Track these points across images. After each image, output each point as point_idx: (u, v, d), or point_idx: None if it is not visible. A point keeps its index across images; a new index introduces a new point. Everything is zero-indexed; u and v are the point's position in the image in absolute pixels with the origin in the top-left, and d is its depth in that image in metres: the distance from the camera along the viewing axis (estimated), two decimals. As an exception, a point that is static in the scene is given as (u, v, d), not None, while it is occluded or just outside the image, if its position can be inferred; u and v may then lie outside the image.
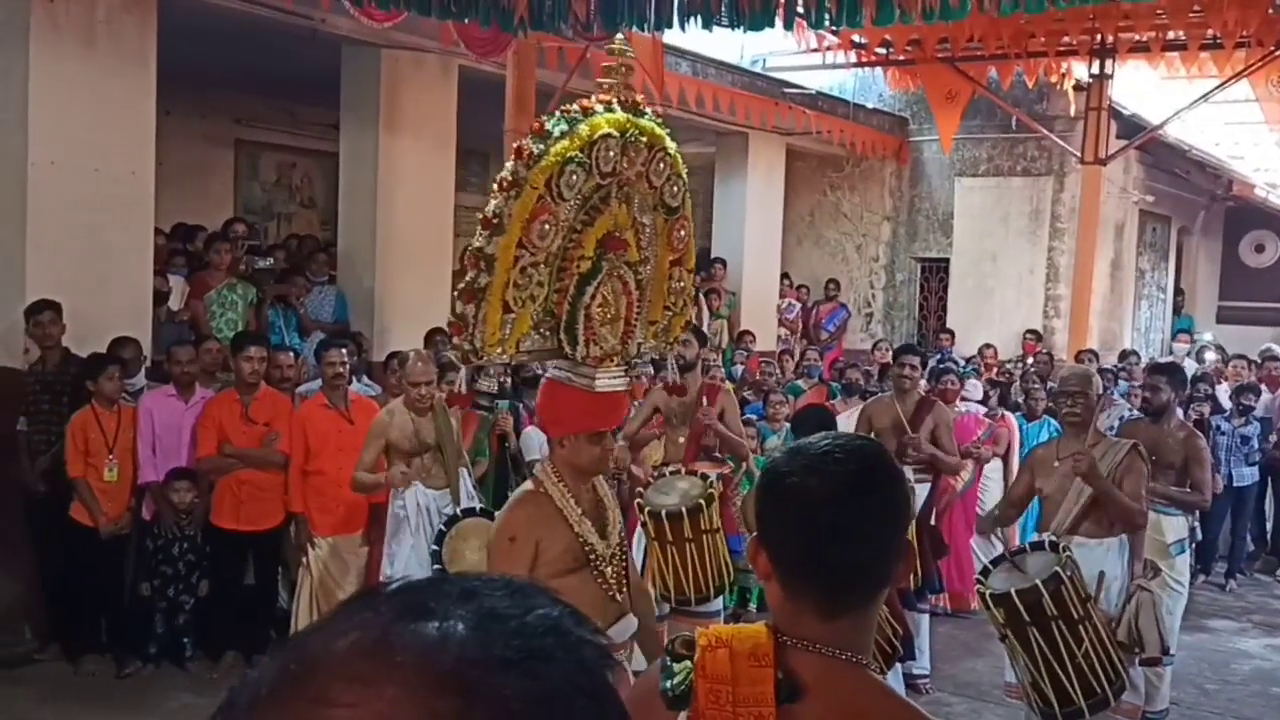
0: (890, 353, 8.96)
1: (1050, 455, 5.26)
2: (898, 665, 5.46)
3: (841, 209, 14.46)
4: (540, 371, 7.93)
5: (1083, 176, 11.38)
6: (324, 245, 9.57)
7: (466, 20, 6.66)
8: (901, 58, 11.26)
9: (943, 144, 12.06)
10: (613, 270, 3.45)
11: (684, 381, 6.77)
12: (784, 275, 13.58)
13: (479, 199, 12.40)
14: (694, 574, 5.45)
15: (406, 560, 6.02)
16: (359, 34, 7.86)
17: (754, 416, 8.48)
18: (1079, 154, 11.23)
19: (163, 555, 6.29)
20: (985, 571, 4.82)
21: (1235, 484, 9.32)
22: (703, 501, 5.36)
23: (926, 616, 6.61)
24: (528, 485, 3.61)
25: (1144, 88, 11.76)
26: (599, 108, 3.37)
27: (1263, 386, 10.37)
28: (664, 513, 5.45)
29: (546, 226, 3.25)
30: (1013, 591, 4.42)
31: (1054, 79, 11.28)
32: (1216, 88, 10.41)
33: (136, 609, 6.31)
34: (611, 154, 3.33)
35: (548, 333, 3.43)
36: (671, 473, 6.04)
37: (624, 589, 3.55)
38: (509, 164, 3.22)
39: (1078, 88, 11.42)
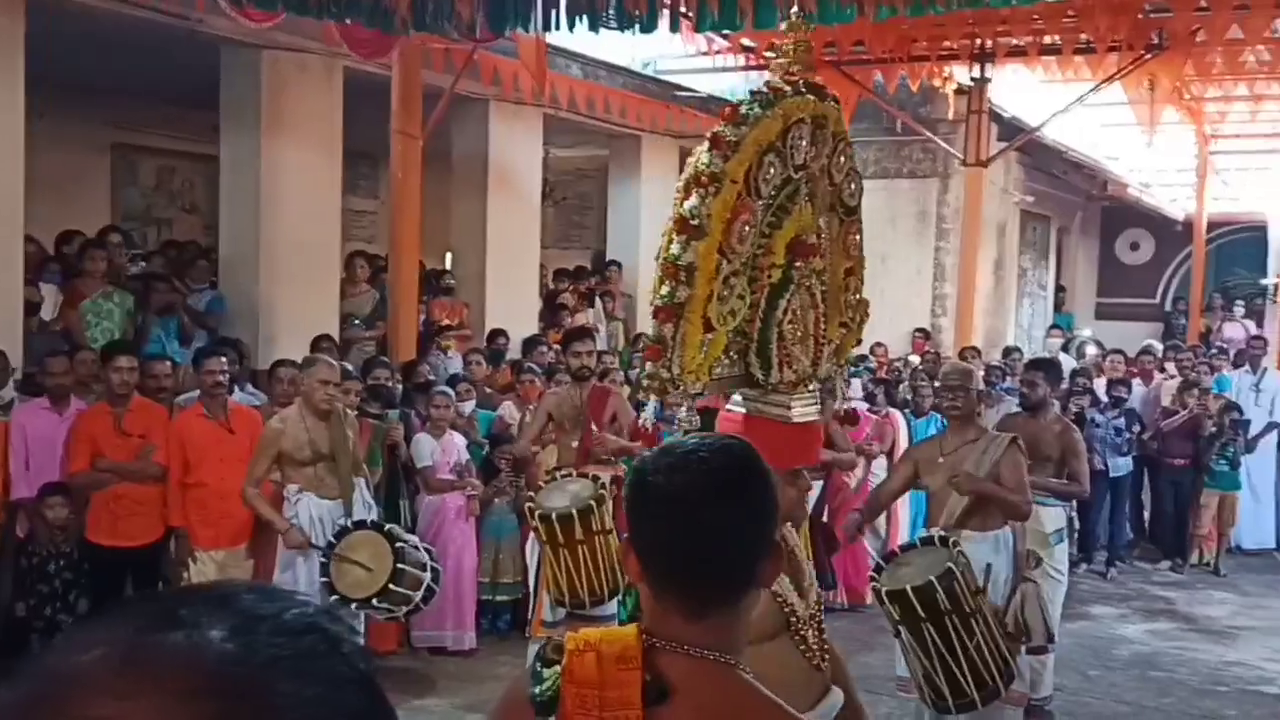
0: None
1: (934, 451, 5.36)
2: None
3: (735, 211, 14.57)
4: (432, 378, 7.88)
5: (965, 178, 11.66)
6: (206, 251, 9.31)
7: (348, 21, 6.55)
8: (789, 61, 11.38)
9: (831, 146, 12.23)
10: (802, 280, 3.03)
11: (605, 386, 6.73)
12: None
13: (368, 202, 12.27)
14: (587, 576, 5.44)
15: (301, 573, 5.89)
16: (238, 35, 7.68)
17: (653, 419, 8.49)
18: (961, 156, 11.50)
19: (38, 574, 6.05)
20: (879, 568, 4.88)
21: (1111, 474, 9.63)
22: (593, 503, 5.35)
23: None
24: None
25: (1023, 91, 12.09)
26: (788, 89, 2.93)
27: (1136, 380, 10.76)
28: (554, 515, 5.43)
29: (747, 228, 2.84)
30: (908, 588, 4.48)
31: (936, 83, 11.53)
32: (1090, 91, 10.74)
33: (12, 629, 6.06)
34: (804, 143, 2.96)
35: (735, 355, 2.98)
36: (563, 476, 6.01)
37: (825, 658, 2.95)
38: (704, 156, 2.81)
39: (959, 91, 11.70)
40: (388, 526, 6.01)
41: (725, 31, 9.32)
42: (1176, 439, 9.93)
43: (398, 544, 5.82)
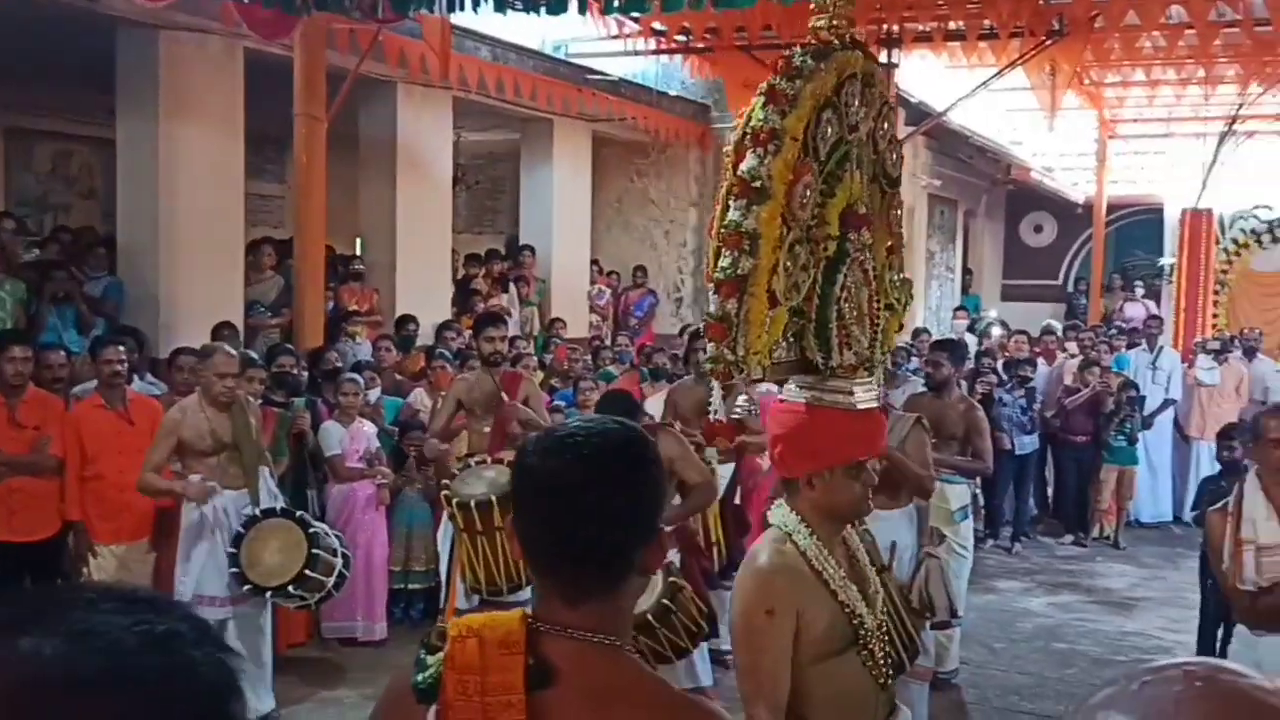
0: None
1: (841, 431, 5.42)
2: (703, 644, 5.55)
3: (649, 195, 14.58)
4: (340, 365, 7.76)
5: (875, 162, 11.79)
6: (104, 238, 9.05)
7: (247, 0, 6.38)
8: (700, 45, 11.41)
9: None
10: (856, 255, 2.76)
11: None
12: (594, 262, 13.63)
13: (274, 187, 12.02)
14: (504, 563, 5.42)
15: (203, 566, 5.77)
16: (134, 14, 7.45)
17: (564, 404, 8.49)
18: (871, 140, 11.63)
19: (-73, 573, 5.83)
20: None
21: (1017, 452, 9.86)
22: (510, 489, 5.32)
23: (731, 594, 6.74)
24: (770, 540, 2.67)
25: (930, 77, 12.28)
26: (835, 41, 2.68)
27: (1040, 359, 11.02)
28: (473, 503, 5.39)
29: (808, 192, 2.56)
30: None
31: (845, 67, 11.63)
32: (993, 76, 10.94)
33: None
34: (856, 102, 2.71)
35: (791, 339, 2.69)
36: (477, 463, 5.97)
37: (892, 673, 2.71)
38: (759, 110, 2.53)
39: (868, 76, 11.81)
40: (299, 513, 5.94)
41: (634, 14, 9.30)
42: (1078, 416, 10.20)
43: (311, 530, 5.77)
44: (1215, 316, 13.72)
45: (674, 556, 5.33)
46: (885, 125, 2.90)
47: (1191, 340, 12.28)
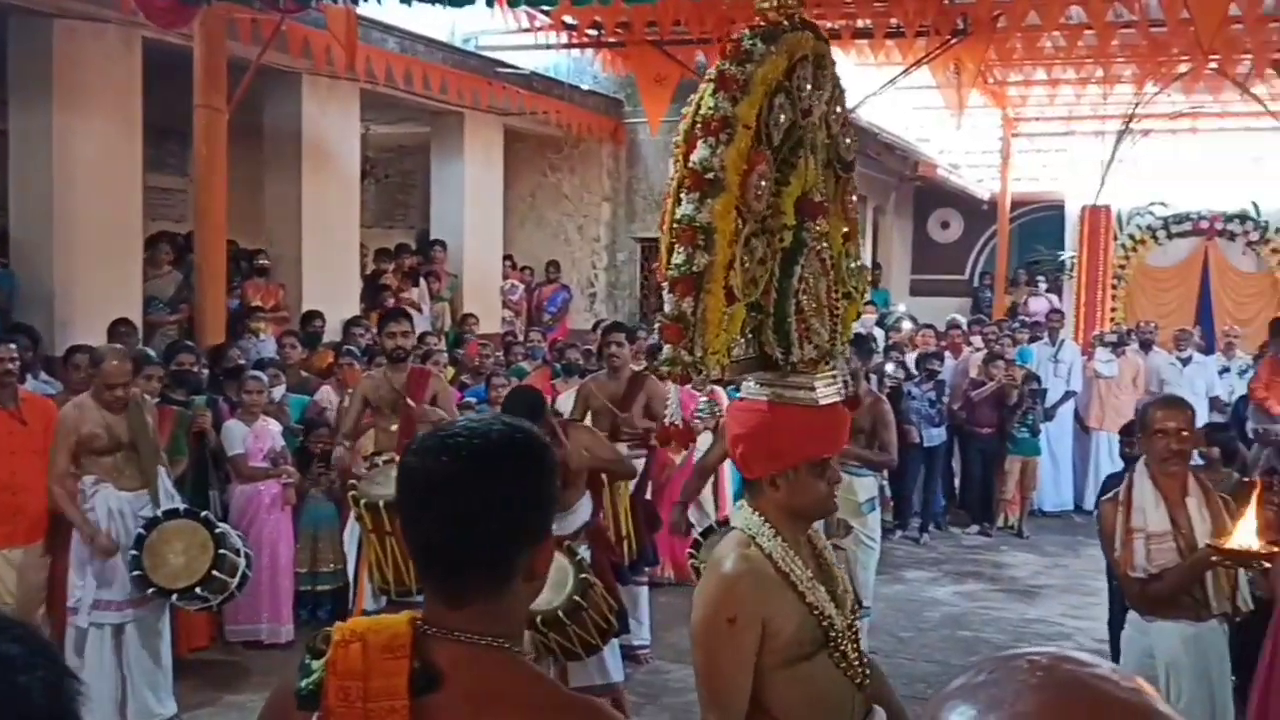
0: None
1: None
2: (614, 640, 5.55)
3: (562, 190, 14.54)
4: (243, 362, 7.60)
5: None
6: (-4, 232, 8.74)
7: (142, -13, 6.21)
8: (612, 40, 11.40)
9: (651, 126, 12.31)
10: (812, 245, 2.66)
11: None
12: (507, 257, 13.54)
13: (176, 180, 11.71)
14: (414, 563, 5.34)
15: (100, 570, 5.62)
16: (27, 2, 7.24)
17: (475, 400, 8.42)
18: (781, 136, 11.73)
19: None
20: (697, 544, 4.96)
21: (925, 445, 10.03)
22: None
23: (645, 589, 6.75)
24: (734, 543, 2.57)
25: (839, 73, 12.41)
26: (785, 22, 2.57)
27: (946, 353, 11.22)
28: (381, 503, 5.30)
29: (763, 182, 2.45)
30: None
31: (756, 64, 11.71)
32: (900, 74, 11.11)
33: None
34: (809, 86, 2.60)
35: (749, 334, 2.60)
36: (385, 462, 5.89)
37: (867, 672, 2.63)
38: (709, 98, 2.43)
39: (778, 73, 11.91)
40: (203, 513, 5.82)
41: (544, 7, 9.25)
42: (984, 409, 10.41)
43: (216, 530, 5.67)
44: (1114, 310, 14.11)
45: (584, 552, 5.32)
46: (839, 108, 2.81)
47: (1091, 334, 12.61)
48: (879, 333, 12.16)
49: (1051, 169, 15.96)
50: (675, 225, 2.41)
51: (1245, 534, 3.76)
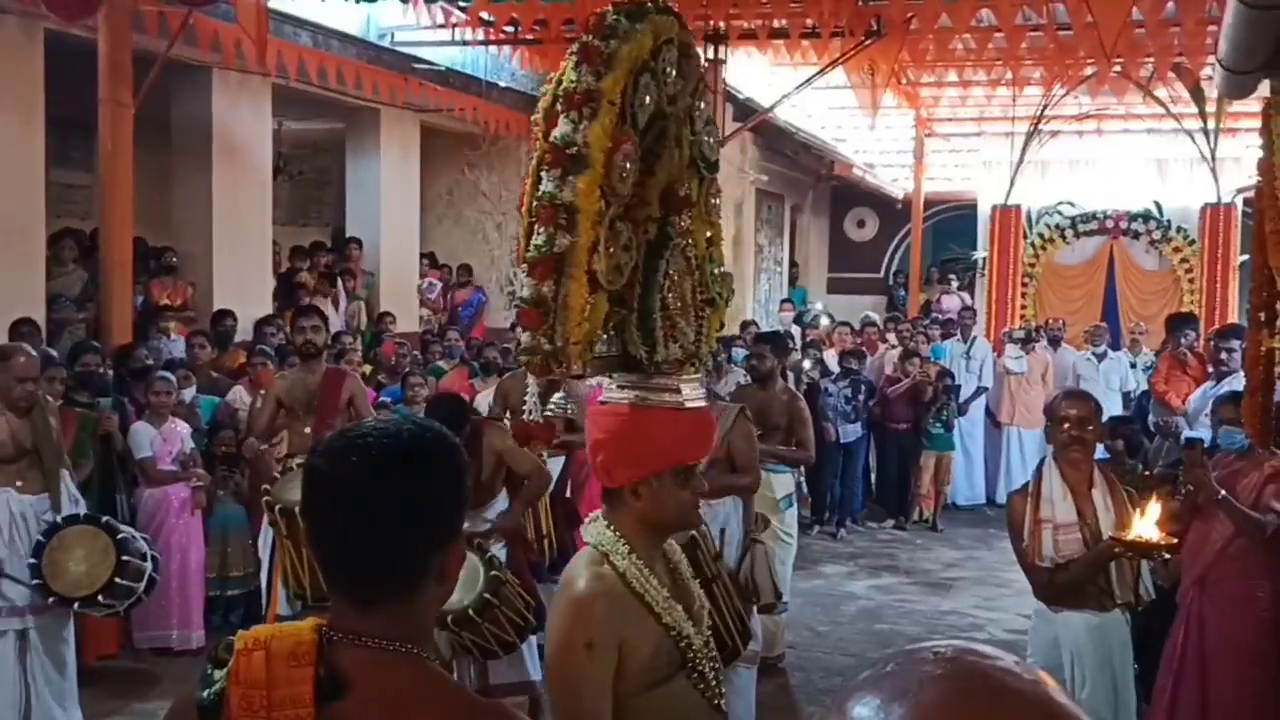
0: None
1: (668, 423, 5.47)
2: (531, 637, 5.53)
3: (480, 187, 14.43)
4: (150, 362, 7.41)
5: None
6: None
7: (42, -22, 6.02)
8: (529, 37, 11.35)
9: (572, 123, 12.29)
10: (678, 240, 2.53)
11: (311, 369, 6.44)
12: (426, 255, 13.41)
13: (81, 175, 11.39)
14: (320, 567, 5.25)
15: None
16: (-81, -10, 6.95)
17: (390, 400, 8.32)
18: (699, 135, 11.79)
19: None
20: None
21: (842, 440, 10.16)
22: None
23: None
24: (586, 561, 2.40)
25: (757, 74, 12.53)
26: (648, 3, 2.45)
27: (864, 350, 11.38)
28: (297, 509, 5.18)
29: (628, 164, 2.31)
30: None
31: (674, 62, 11.77)
32: (816, 74, 11.24)
33: None
34: (673, 71, 2.46)
35: (612, 330, 2.46)
36: (299, 465, 5.78)
37: (724, 691, 2.53)
38: (573, 71, 2.27)
39: (695, 71, 11.97)
40: (104, 519, 5.66)
41: (460, 4, 9.19)
42: (899, 405, 10.58)
43: (119, 535, 5.51)
44: (1024, 308, 14.44)
45: (499, 550, 5.29)
46: (702, 105, 2.68)
47: (1001, 331, 12.88)
48: (795, 330, 12.29)
49: (964, 169, 16.28)
50: (535, 203, 2.26)
51: (1146, 526, 3.88)
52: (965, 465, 11.55)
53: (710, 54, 11.33)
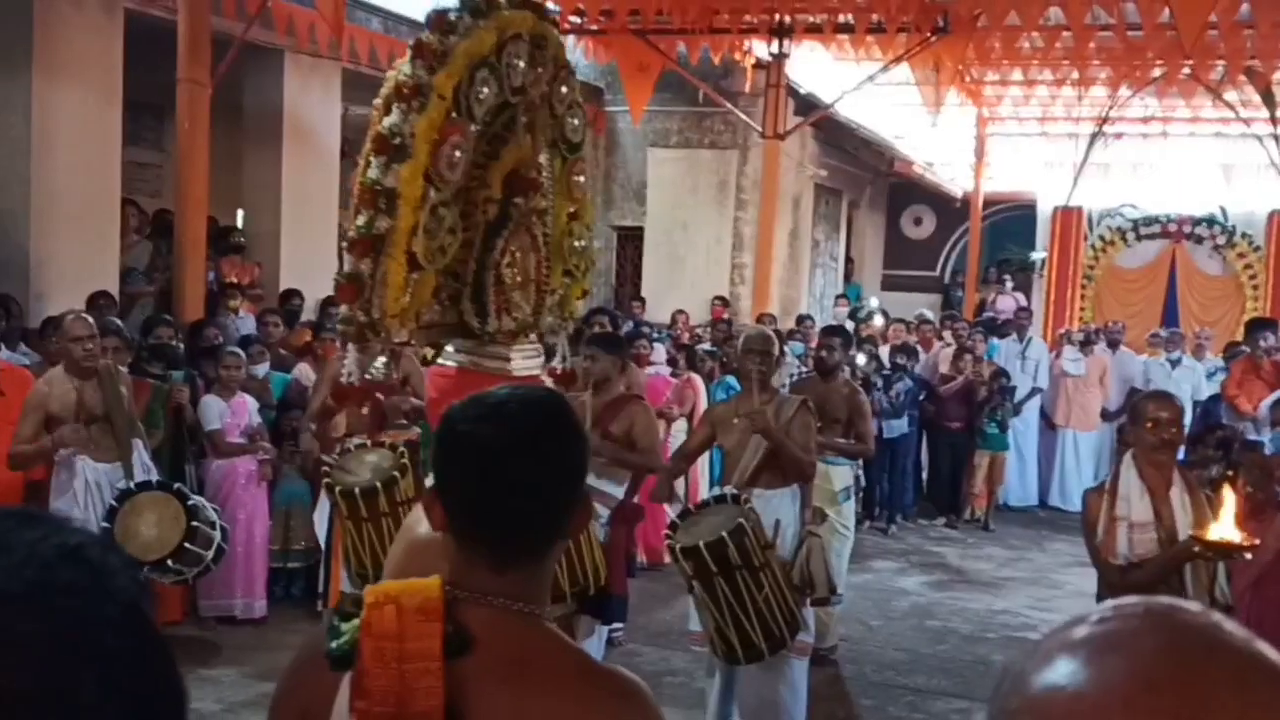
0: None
1: (730, 412, 5.52)
2: (603, 628, 5.59)
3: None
4: (220, 341, 7.56)
5: (763, 150, 11.98)
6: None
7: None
8: (595, 28, 11.41)
9: (633, 115, 12.35)
10: (522, 219, 2.73)
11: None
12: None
13: (153, 154, 11.62)
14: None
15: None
16: (6, -31, 7.14)
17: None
18: (760, 129, 11.80)
19: None
20: (674, 526, 5.01)
21: (886, 436, 10.09)
22: (396, 474, 5.22)
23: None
24: (417, 521, 2.65)
25: (820, 68, 12.50)
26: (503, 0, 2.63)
27: (919, 347, 11.34)
28: (358, 490, 5.21)
29: (458, 154, 2.50)
30: (701, 545, 4.60)
31: (737, 56, 11.79)
32: (880, 70, 11.19)
33: None
34: (521, 64, 2.65)
35: (447, 301, 2.66)
36: (357, 446, 5.79)
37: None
38: (406, 66, 2.48)
39: (758, 65, 11.99)
40: (175, 485, 5.79)
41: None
42: (952, 403, 10.53)
43: (189, 502, 5.64)
44: (1082, 310, 14.29)
45: (602, 528, 5.37)
46: (563, 89, 2.85)
47: (1058, 332, 12.77)
48: (849, 325, 12.27)
49: (1024, 169, 16.13)
50: (361, 186, 2.45)
51: (1227, 526, 3.86)
52: (1018, 466, 11.47)
53: (774, 48, 11.34)
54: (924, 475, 11.16)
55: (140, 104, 10.01)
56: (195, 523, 5.58)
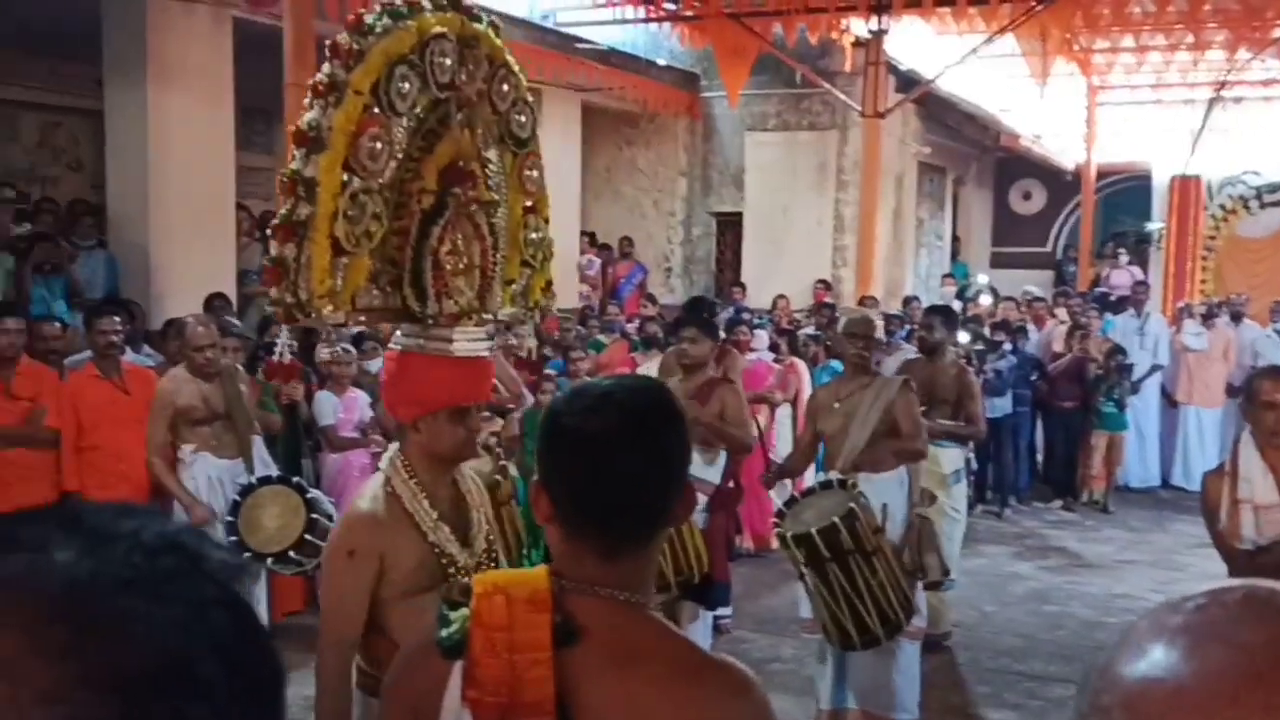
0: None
1: (830, 397, 5.46)
2: (707, 614, 5.60)
3: (638, 165, 14.56)
4: (334, 337, 7.73)
5: (864, 130, 11.80)
6: (94, 209, 9.01)
7: (234, -33, 6.34)
8: (689, 13, 11.37)
9: (729, 99, 12.28)
10: (461, 209, 2.88)
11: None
12: (587, 232, 13.61)
13: (264, 158, 11.96)
14: (504, 537, 5.33)
15: (198, 536, 5.79)
16: (121, -17, 7.41)
17: (555, 372, 8.51)
18: (860, 108, 11.63)
19: (-78, 545, 5.83)
20: (781, 513, 4.98)
21: (989, 415, 9.82)
22: (498, 478, 5.29)
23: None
24: (373, 484, 2.87)
25: (920, 44, 12.25)
26: (426, 3, 2.83)
27: (1031, 324, 11.06)
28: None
29: (378, 145, 2.68)
30: (813, 531, 4.57)
31: (835, 35, 11.62)
32: (984, 42, 10.93)
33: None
34: (448, 61, 2.80)
35: (389, 288, 2.85)
36: None
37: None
38: (325, 66, 2.67)
39: (857, 44, 11.80)
40: (294, 479, 5.95)
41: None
42: (1064, 382, 10.25)
43: (308, 495, 5.78)
44: (1203, 282, 13.78)
45: (701, 514, 5.39)
46: (504, 87, 3.00)
47: (1178, 305, 12.34)
48: (957, 305, 12.03)
49: (1138, 138, 15.60)
50: (285, 177, 2.62)
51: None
52: (1139, 446, 11.12)
53: (873, 25, 11.15)
54: (1038, 457, 10.89)
55: (251, 109, 10.30)
56: (314, 515, 5.72)
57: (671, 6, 11.34)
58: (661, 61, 13.32)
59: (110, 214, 8.38)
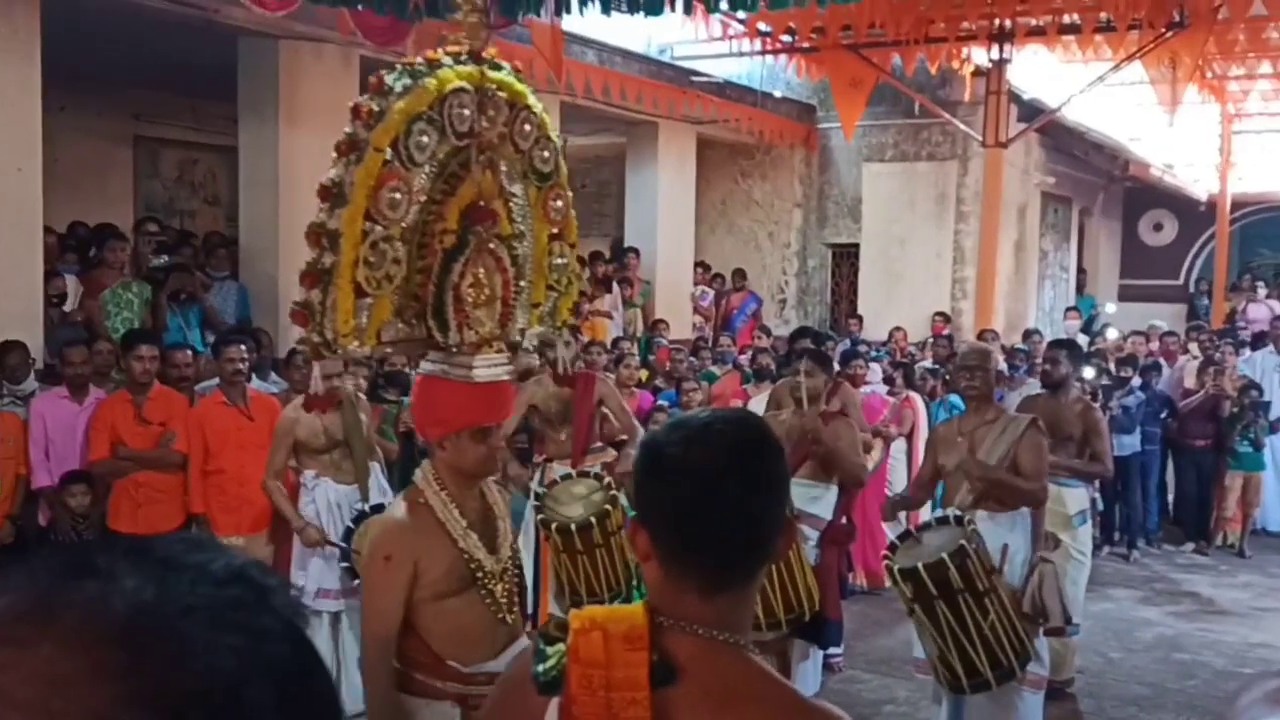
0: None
1: (952, 432, 5.33)
2: (818, 652, 5.51)
3: (753, 196, 14.54)
4: (405, 368, 7.86)
5: (985, 160, 11.58)
6: (228, 242, 9.37)
7: (360, 7, 6.54)
8: (806, 45, 11.34)
9: (844, 131, 12.18)
10: (482, 245, 3.09)
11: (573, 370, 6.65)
12: (701, 263, 13.62)
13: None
14: (605, 576, 5.30)
15: (316, 560, 5.93)
16: (255, 24, 7.70)
17: (667, 404, 8.51)
18: (981, 138, 11.42)
19: (60, 562, 6.09)
20: (893, 547, 4.87)
21: (1117, 453, 9.45)
22: (608, 507, 5.28)
23: (838, 597, 6.66)
24: (406, 495, 3.18)
25: (1043, 72, 12.00)
26: (446, 60, 3.07)
27: (1162, 360, 10.66)
28: (573, 526, 5.26)
29: (397, 195, 2.91)
30: (920, 566, 4.46)
31: (955, 64, 11.46)
32: (1110, 70, 10.65)
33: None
34: (466, 112, 3.02)
35: (414, 320, 3.08)
36: (563, 478, 5.85)
37: (514, 609, 3.19)
38: (347, 127, 2.92)
39: (977, 73, 11.62)
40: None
41: (739, 14, 9.28)
42: (1196, 420, 9.85)
43: None
44: (1348, 317, 13.10)
45: (812, 549, 5.34)
46: (526, 127, 3.22)
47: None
48: (1083, 339, 11.68)
49: (1277, 167, 14.98)
50: (310, 229, 2.87)
51: None
52: (1277, 487, 10.60)
53: (994, 54, 10.96)
54: (1169, 497, 10.46)
55: (375, 144, 10.61)
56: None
57: (788, 39, 11.33)
58: (778, 93, 13.30)
59: (242, 246, 8.70)
